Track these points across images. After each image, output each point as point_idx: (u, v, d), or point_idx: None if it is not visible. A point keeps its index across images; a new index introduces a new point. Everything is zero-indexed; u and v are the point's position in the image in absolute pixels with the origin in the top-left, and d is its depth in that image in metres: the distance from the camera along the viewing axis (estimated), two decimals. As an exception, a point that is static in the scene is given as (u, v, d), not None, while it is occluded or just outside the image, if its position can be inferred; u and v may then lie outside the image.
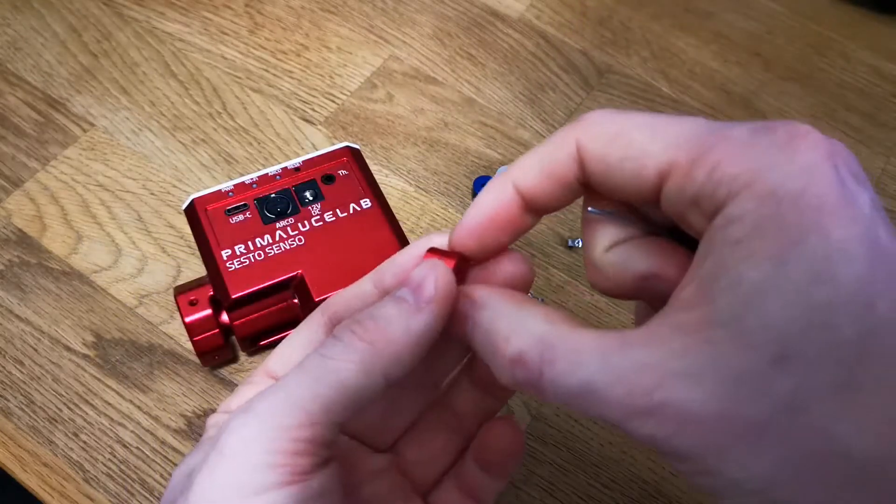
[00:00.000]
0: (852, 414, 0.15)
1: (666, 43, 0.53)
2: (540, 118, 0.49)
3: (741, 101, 0.50)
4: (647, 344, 0.17)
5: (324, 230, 0.36)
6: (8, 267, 0.41)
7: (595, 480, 0.36)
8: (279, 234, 0.35)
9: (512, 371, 0.19)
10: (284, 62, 0.50)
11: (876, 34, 0.55)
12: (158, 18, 0.52)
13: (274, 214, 0.36)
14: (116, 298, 0.40)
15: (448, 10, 0.54)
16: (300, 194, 0.37)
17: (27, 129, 0.46)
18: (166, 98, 0.48)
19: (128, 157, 0.46)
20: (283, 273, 0.34)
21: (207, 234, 0.35)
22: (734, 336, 0.16)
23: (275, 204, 0.36)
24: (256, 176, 0.37)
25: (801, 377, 0.16)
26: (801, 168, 0.16)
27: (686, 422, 0.16)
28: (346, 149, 0.39)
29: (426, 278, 0.21)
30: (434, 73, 0.50)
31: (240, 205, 0.36)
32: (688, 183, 0.18)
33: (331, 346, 0.20)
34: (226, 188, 0.37)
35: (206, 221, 0.36)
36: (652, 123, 0.19)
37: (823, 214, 0.16)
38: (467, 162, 0.46)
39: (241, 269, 0.34)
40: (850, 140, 0.49)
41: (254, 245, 0.35)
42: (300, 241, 0.35)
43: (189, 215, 0.36)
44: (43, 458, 0.36)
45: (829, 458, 0.16)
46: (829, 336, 0.15)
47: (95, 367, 0.38)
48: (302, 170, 0.38)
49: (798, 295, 0.16)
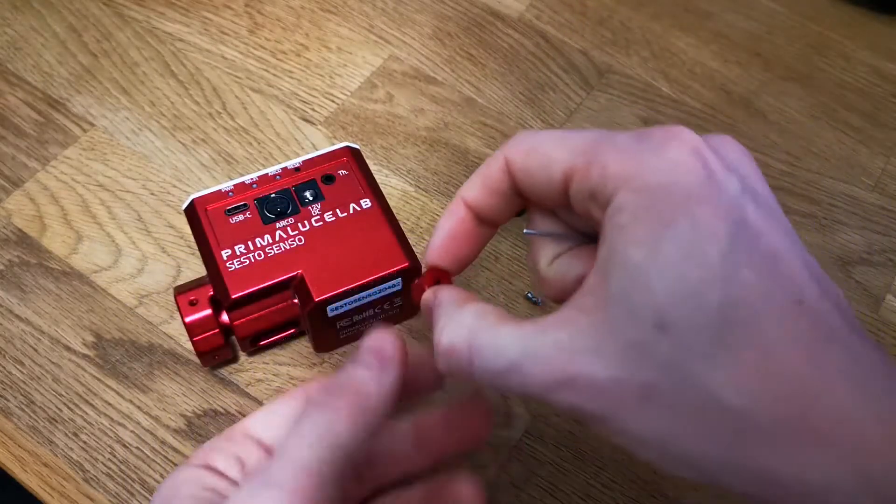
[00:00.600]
0: (723, 371, 0.18)
1: (666, 43, 0.53)
2: (540, 118, 0.49)
3: (741, 101, 0.50)
4: (559, 327, 0.20)
5: (324, 230, 0.35)
6: (8, 267, 0.41)
7: (595, 480, 0.36)
8: (279, 234, 0.35)
9: (446, 360, 0.22)
10: (284, 62, 0.50)
11: (876, 34, 0.55)
12: (158, 18, 0.52)
13: (274, 214, 0.36)
14: (116, 298, 0.40)
15: (448, 10, 0.54)
16: (300, 194, 0.36)
17: (27, 129, 0.46)
18: (166, 98, 0.48)
19: (128, 157, 0.46)
20: (283, 273, 0.34)
21: (207, 233, 0.35)
22: (624, 311, 0.19)
23: (275, 204, 0.36)
24: (256, 176, 0.37)
25: (678, 341, 0.18)
26: (669, 164, 0.19)
27: (593, 389, 0.19)
28: (346, 149, 0.39)
29: (384, 342, 0.24)
30: (434, 73, 0.50)
31: (240, 205, 0.36)
32: (585, 182, 0.21)
33: (319, 410, 0.22)
34: (226, 188, 0.37)
35: (206, 221, 0.36)
36: (560, 136, 0.22)
37: (691, 201, 0.19)
38: (467, 162, 0.46)
39: (241, 269, 0.34)
40: (850, 140, 0.49)
41: (254, 245, 0.35)
42: (300, 241, 0.35)
43: (189, 215, 0.36)
44: (43, 458, 0.36)
45: (709, 411, 0.18)
46: (699, 304, 0.18)
47: (95, 367, 0.38)
48: (302, 170, 0.37)
49: (672, 271, 0.18)
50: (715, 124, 0.49)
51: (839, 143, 0.49)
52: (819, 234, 0.45)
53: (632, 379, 0.19)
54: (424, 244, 0.43)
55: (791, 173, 0.47)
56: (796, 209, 0.45)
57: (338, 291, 0.34)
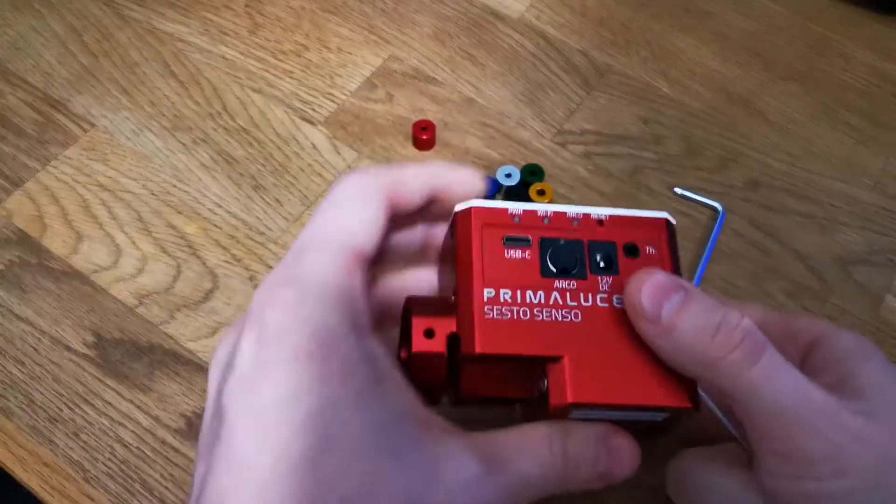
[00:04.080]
0: None
1: (666, 43, 0.53)
2: (540, 118, 0.49)
3: (741, 101, 0.50)
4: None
5: (606, 316, 0.28)
6: (8, 267, 0.41)
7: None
8: (555, 297, 0.28)
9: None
10: (284, 62, 0.50)
11: (876, 34, 0.55)
12: (158, 19, 0.52)
13: (556, 268, 0.28)
14: (116, 298, 0.40)
15: (448, 11, 0.54)
16: (592, 255, 0.29)
17: (27, 129, 0.46)
18: (166, 98, 0.48)
19: (128, 157, 0.46)
20: (544, 349, 0.27)
21: (474, 259, 0.28)
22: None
23: (560, 255, 0.29)
24: (552, 211, 0.30)
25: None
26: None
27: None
28: (664, 221, 0.30)
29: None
30: (434, 73, 0.51)
31: (522, 237, 0.29)
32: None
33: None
34: (514, 210, 0.30)
35: (477, 241, 0.29)
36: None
37: None
38: (467, 162, 0.46)
39: (499, 322, 0.27)
40: (850, 140, 0.49)
41: (522, 298, 0.28)
42: (576, 316, 0.28)
43: (460, 222, 0.29)
44: (43, 457, 0.36)
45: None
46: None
47: (95, 366, 0.38)
48: (605, 225, 0.29)
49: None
50: (715, 124, 0.49)
51: (839, 143, 0.49)
52: (819, 234, 0.45)
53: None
54: (424, 244, 0.43)
55: (791, 173, 0.47)
56: (796, 209, 0.45)
57: (597, 402, 0.26)
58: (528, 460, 0.25)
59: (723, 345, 0.23)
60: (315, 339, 0.22)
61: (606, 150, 0.47)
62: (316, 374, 0.22)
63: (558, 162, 0.47)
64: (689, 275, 0.42)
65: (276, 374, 0.22)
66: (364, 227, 0.26)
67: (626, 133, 0.48)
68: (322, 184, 0.45)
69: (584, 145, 0.48)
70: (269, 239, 0.43)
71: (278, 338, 0.22)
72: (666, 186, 0.46)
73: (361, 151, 0.47)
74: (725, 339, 0.23)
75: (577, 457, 0.25)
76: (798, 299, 0.42)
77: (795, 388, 0.23)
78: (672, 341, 0.24)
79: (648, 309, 0.24)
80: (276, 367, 0.22)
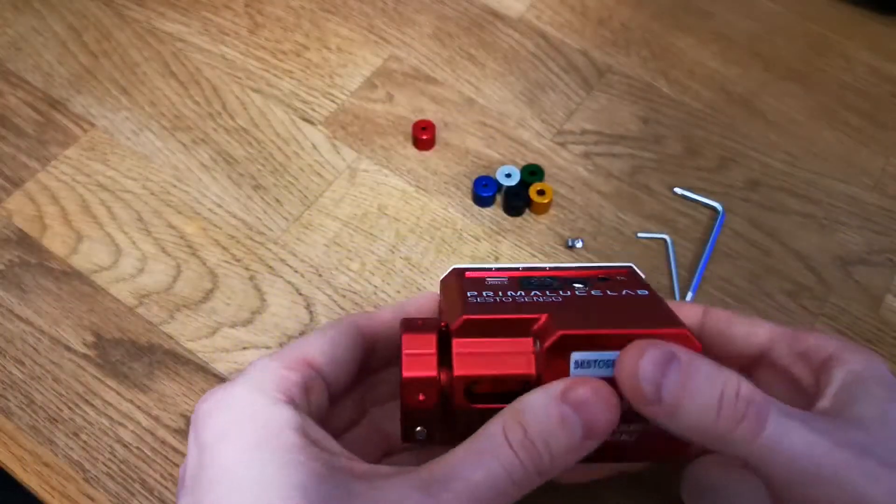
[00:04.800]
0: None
1: (666, 43, 0.53)
2: (540, 118, 0.49)
3: (741, 101, 0.50)
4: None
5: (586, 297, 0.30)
6: (8, 267, 0.41)
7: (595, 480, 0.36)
8: (534, 294, 0.30)
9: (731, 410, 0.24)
10: (284, 62, 0.50)
11: (876, 34, 0.55)
12: (158, 18, 0.52)
13: (534, 287, 0.31)
14: (116, 298, 0.40)
15: (448, 10, 0.54)
16: (569, 281, 0.32)
17: (27, 129, 0.46)
18: (166, 98, 0.48)
19: (128, 157, 0.46)
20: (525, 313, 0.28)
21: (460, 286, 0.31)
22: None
23: (540, 280, 0.32)
24: (523, 267, 0.34)
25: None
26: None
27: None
28: (630, 269, 0.34)
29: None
30: (434, 73, 0.51)
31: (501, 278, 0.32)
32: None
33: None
34: (489, 267, 0.34)
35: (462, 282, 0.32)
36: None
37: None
38: (467, 162, 0.46)
39: (483, 304, 0.29)
40: (850, 140, 0.49)
41: (504, 295, 0.30)
42: (555, 298, 0.30)
43: (445, 280, 0.33)
44: (43, 457, 0.36)
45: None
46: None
47: (95, 366, 0.38)
48: (577, 271, 0.33)
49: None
50: (715, 124, 0.49)
51: (839, 143, 0.49)
52: (819, 234, 0.45)
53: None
54: (424, 244, 0.43)
55: (791, 173, 0.47)
56: (796, 209, 0.45)
57: (587, 332, 0.26)
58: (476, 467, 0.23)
59: (728, 419, 0.23)
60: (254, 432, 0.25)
61: (606, 150, 0.47)
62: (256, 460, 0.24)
63: (558, 162, 0.47)
64: (689, 275, 0.42)
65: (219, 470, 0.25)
66: (319, 345, 0.29)
67: (626, 133, 0.48)
68: (322, 183, 0.45)
69: (584, 145, 0.48)
70: (269, 239, 0.43)
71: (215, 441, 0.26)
72: (666, 186, 0.46)
73: (361, 151, 0.47)
74: (730, 414, 0.23)
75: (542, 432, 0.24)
76: (798, 299, 0.42)
77: (807, 448, 0.23)
78: (677, 422, 0.24)
79: (649, 394, 0.23)
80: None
